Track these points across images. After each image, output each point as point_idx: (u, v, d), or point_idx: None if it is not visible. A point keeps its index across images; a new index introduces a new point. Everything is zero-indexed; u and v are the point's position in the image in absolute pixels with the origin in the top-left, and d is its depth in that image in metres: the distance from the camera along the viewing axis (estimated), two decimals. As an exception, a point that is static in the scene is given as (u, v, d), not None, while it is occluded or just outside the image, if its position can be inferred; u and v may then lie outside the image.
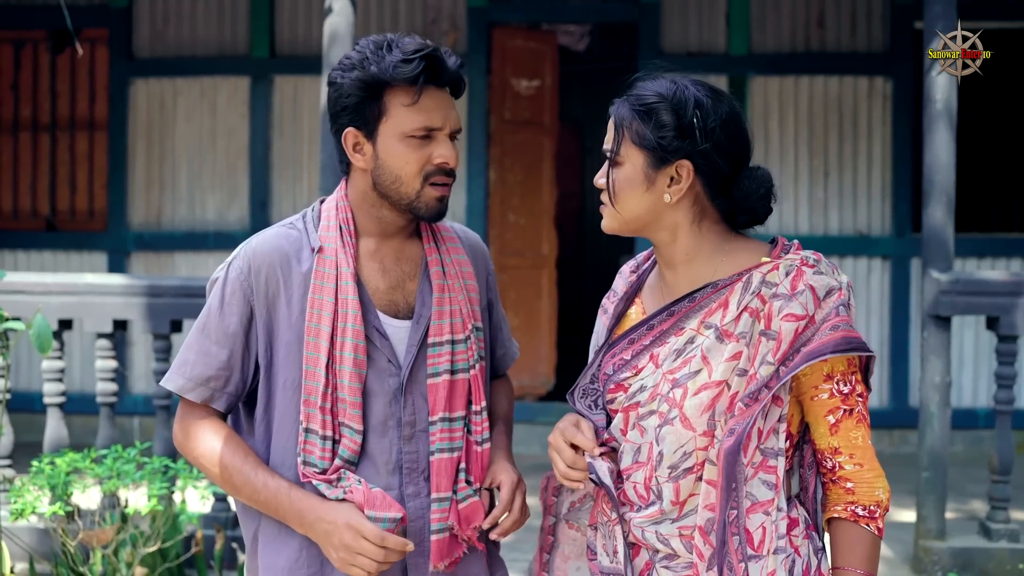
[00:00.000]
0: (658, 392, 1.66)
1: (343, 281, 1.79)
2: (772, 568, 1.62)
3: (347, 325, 1.78)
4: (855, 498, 1.67)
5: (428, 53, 1.75)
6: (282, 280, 1.82)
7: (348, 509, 1.76)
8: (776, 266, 1.65)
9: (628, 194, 1.70)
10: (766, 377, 1.60)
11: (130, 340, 6.70)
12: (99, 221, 7.07)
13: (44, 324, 2.23)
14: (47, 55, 7.15)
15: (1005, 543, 4.31)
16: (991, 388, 6.14)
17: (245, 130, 6.86)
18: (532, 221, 7.02)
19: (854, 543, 1.67)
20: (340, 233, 1.82)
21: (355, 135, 1.80)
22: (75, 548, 3.48)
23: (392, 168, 1.78)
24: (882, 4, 6.64)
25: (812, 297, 1.62)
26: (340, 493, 1.77)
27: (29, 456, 3.96)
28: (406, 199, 1.80)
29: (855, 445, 1.66)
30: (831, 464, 1.67)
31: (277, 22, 6.90)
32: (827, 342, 1.60)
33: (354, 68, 1.76)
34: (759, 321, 1.62)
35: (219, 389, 1.84)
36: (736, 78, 6.64)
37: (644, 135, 1.67)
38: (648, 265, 1.83)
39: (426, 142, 1.78)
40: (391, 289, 1.85)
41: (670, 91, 1.70)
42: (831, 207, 6.70)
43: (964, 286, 4.31)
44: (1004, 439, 4.34)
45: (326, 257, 1.81)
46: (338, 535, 1.74)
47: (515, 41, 6.93)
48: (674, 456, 1.64)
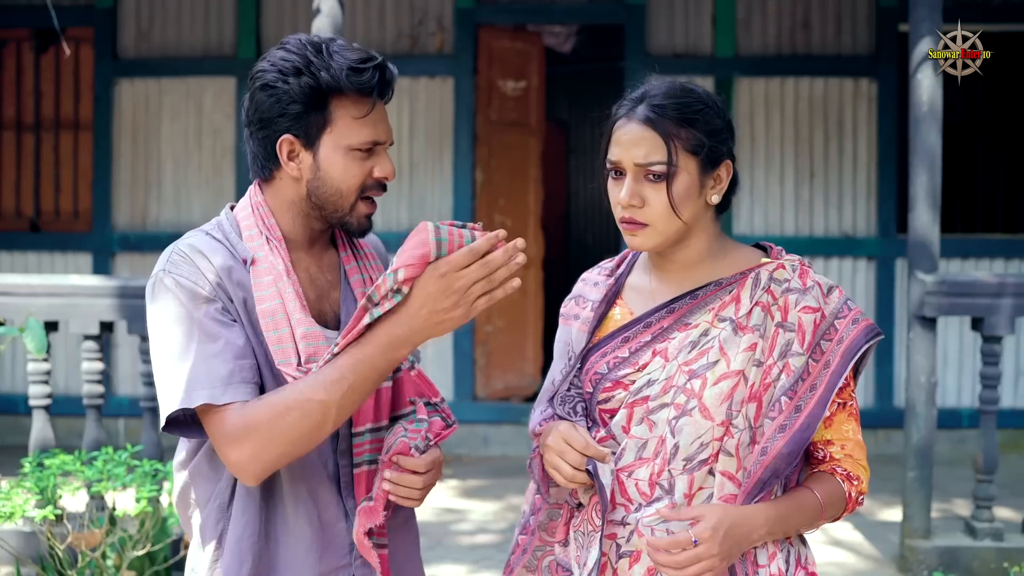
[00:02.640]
0: (673, 384, 1.67)
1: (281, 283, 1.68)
2: (772, 551, 1.68)
3: (296, 327, 1.67)
4: (840, 465, 1.74)
5: (380, 63, 1.68)
6: (225, 285, 1.68)
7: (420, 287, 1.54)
8: (781, 265, 1.73)
9: (684, 206, 1.68)
10: (800, 369, 1.67)
11: (115, 342, 6.66)
12: (84, 222, 7.03)
13: (38, 326, 2.22)
14: (31, 54, 7.11)
15: (990, 542, 4.35)
16: (975, 388, 6.19)
17: (231, 131, 6.84)
18: (518, 222, 7.02)
19: (825, 482, 1.72)
20: (267, 240, 1.71)
21: (292, 143, 1.68)
22: (63, 551, 3.46)
23: (333, 180, 1.69)
24: (867, 7, 6.68)
25: (820, 293, 1.71)
26: (396, 296, 1.55)
27: (13, 459, 3.94)
28: (340, 212, 1.71)
29: (846, 437, 1.74)
30: (822, 454, 1.75)
31: (264, 23, 6.88)
32: (856, 336, 1.70)
33: (300, 73, 1.64)
34: (771, 316, 1.68)
35: (249, 380, 1.64)
36: (722, 80, 6.67)
37: (699, 141, 1.67)
38: (624, 269, 1.84)
39: (368, 155, 1.70)
40: (318, 298, 1.76)
41: (702, 93, 1.72)
42: (816, 208, 6.73)
43: (950, 287, 4.34)
44: (989, 439, 4.37)
45: (261, 267, 1.69)
46: (444, 295, 1.53)
47: (501, 42, 6.94)
48: (691, 447, 1.65)
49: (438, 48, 6.83)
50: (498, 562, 4.55)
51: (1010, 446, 6.43)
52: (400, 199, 6.80)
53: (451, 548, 4.75)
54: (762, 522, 1.63)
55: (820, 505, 1.69)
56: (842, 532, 5.02)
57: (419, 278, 1.54)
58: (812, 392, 1.67)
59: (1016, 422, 6.56)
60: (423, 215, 6.75)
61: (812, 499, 1.69)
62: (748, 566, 1.67)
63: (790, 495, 1.70)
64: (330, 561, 1.75)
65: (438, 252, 1.54)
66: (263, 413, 1.58)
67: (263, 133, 1.70)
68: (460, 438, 6.60)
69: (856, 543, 4.88)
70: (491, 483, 5.94)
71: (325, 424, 1.59)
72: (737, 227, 6.58)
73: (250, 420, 1.59)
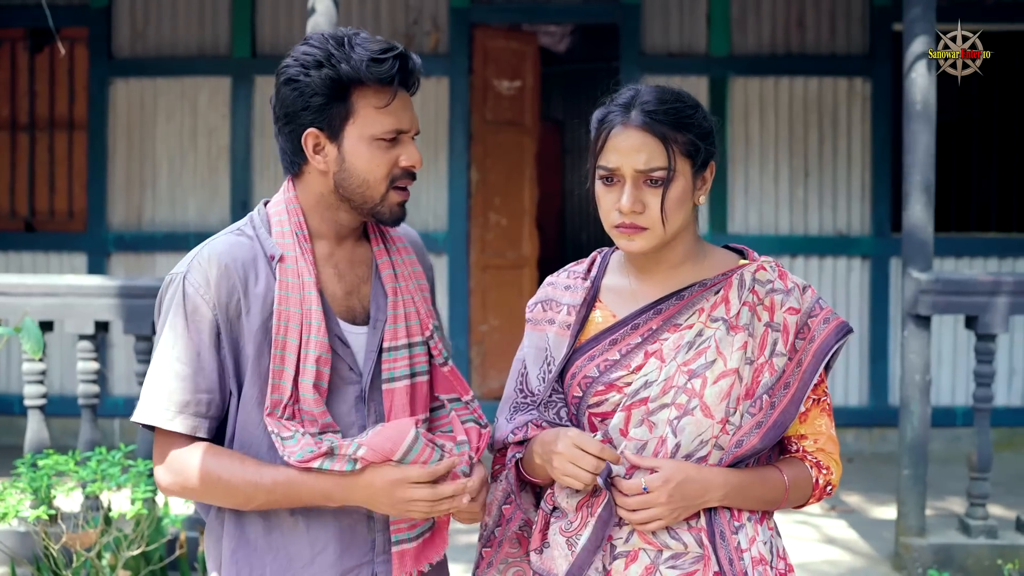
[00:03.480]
0: (673, 384, 1.69)
1: (307, 291, 1.70)
2: (752, 535, 1.71)
3: (311, 336, 1.69)
4: (811, 455, 1.79)
5: (400, 53, 1.69)
6: (241, 291, 1.70)
7: (372, 473, 1.65)
8: (762, 266, 1.77)
9: (680, 208, 1.71)
10: (781, 368, 1.71)
11: (110, 342, 6.66)
12: (79, 222, 7.02)
13: (34, 326, 2.22)
14: (25, 54, 7.09)
15: (984, 539, 4.36)
16: (969, 386, 6.20)
17: (226, 130, 6.84)
18: (513, 221, 7.03)
19: (793, 465, 1.77)
20: (296, 239, 1.73)
21: (316, 136, 1.70)
22: (57, 551, 3.45)
23: (359, 171, 1.70)
24: (861, 6, 6.70)
25: (799, 293, 1.76)
26: (349, 464, 1.65)
27: (8, 459, 3.94)
28: (370, 203, 1.73)
29: (819, 432, 1.79)
30: (795, 448, 1.80)
31: (258, 22, 6.87)
32: (828, 336, 1.74)
33: (321, 65, 1.66)
34: (759, 316, 1.73)
35: (203, 415, 1.70)
36: (717, 79, 6.68)
37: (693, 145, 1.70)
38: (597, 271, 1.84)
39: (393, 145, 1.72)
40: (347, 294, 1.77)
41: (687, 97, 1.74)
42: (811, 207, 6.74)
43: (944, 285, 4.35)
44: (983, 437, 4.38)
45: (288, 266, 1.71)
46: (386, 495, 1.65)
47: (496, 42, 6.94)
48: (691, 445, 1.68)
49: (433, 48, 6.83)
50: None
51: (1004, 444, 6.44)
52: (395, 199, 6.79)
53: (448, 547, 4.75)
54: (719, 485, 1.67)
55: (784, 484, 1.73)
56: (837, 530, 5.03)
57: (376, 467, 1.66)
58: (786, 390, 1.72)
59: (1010, 420, 6.58)
60: (418, 214, 6.76)
61: (777, 476, 1.73)
62: (731, 551, 1.68)
63: (756, 469, 1.74)
64: (351, 559, 1.77)
65: (402, 457, 1.66)
66: (195, 473, 1.68)
67: (289, 128, 1.72)
68: (456, 437, 6.60)
69: (851, 541, 4.89)
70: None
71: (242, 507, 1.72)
72: (732, 226, 6.59)
73: (185, 468, 1.70)
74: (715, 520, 1.69)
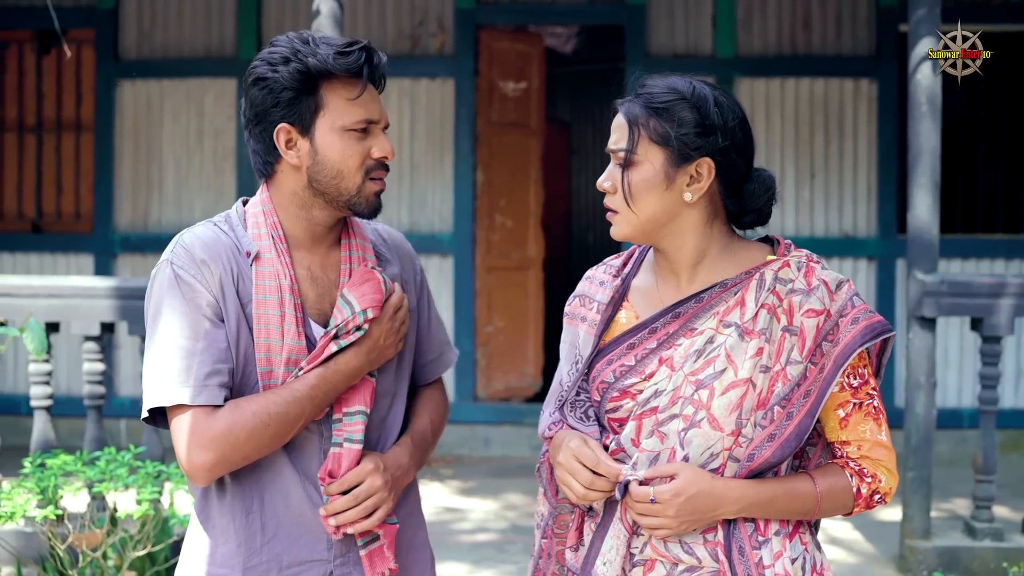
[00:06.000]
0: (680, 395, 1.62)
1: (284, 294, 1.72)
2: (778, 550, 1.64)
3: (284, 341, 1.71)
4: (854, 462, 1.68)
5: (364, 46, 1.71)
6: (224, 275, 1.71)
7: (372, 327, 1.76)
8: (786, 263, 1.67)
9: (646, 195, 1.65)
10: (796, 377, 1.61)
11: (117, 343, 6.68)
12: (85, 223, 7.05)
13: (38, 328, 2.23)
14: (32, 56, 7.12)
15: (989, 542, 4.35)
16: (975, 388, 6.19)
17: (232, 131, 6.86)
18: (519, 222, 7.04)
19: (831, 474, 1.67)
20: (272, 240, 1.74)
21: (288, 131, 1.71)
22: (63, 551, 3.46)
23: (333, 162, 1.71)
24: (867, 7, 6.69)
25: (827, 291, 1.64)
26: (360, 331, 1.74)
27: (14, 459, 3.95)
28: (346, 195, 1.73)
29: (863, 438, 1.67)
30: (839, 454, 1.69)
31: (264, 24, 6.89)
32: (851, 340, 1.62)
33: (288, 61, 1.68)
34: (778, 318, 1.63)
35: (226, 384, 1.69)
36: (722, 80, 6.67)
37: (664, 132, 1.63)
38: (631, 269, 1.79)
39: (364, 136, 1.72)
40: (319, 298, 1.78)
41: (688, 89, 1.67)
42: (817, 209, 6.74)
43: (949, 287, 4.34)
44: (988, 439, 4.37)
45: (264, 268, 1.72)
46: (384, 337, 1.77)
47: (502, 43, 6.94)
48: (701, 458, 1.62)
49: (439, 49, 6.84)
50: (498, 561, 4.56)
51: (1010, 446, 6.43)
52: (401, 200, 6.81)
53: (451, 547, 4.76)
54: (734, 499, 1.60)
55: (815, 494, 1.64)
56: (841, 531, 5.02)
57: (377, 319, 1.76)
58: (806, 399, 1.62)
59: (1016, 422, 6.57)
60: (424, 216, 6.77)
61: (807, 487, 1.64)
62: (751, 567, 1.62)
63: (782, 479, 1.65)
64: (300, 553, 1.77)
65: (386, 296, 1.78)
66: (246, 421, 1.66)
67: (260, 127, 1.72)
68: (461, 438, 6.61)
69: (855, 543, 4.88)
70: (492, 483, 5.95)
71: (293, 433, 1.72)
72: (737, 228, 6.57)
73: (226, 431, 1.66)
74: (734, 534, 1.63)
